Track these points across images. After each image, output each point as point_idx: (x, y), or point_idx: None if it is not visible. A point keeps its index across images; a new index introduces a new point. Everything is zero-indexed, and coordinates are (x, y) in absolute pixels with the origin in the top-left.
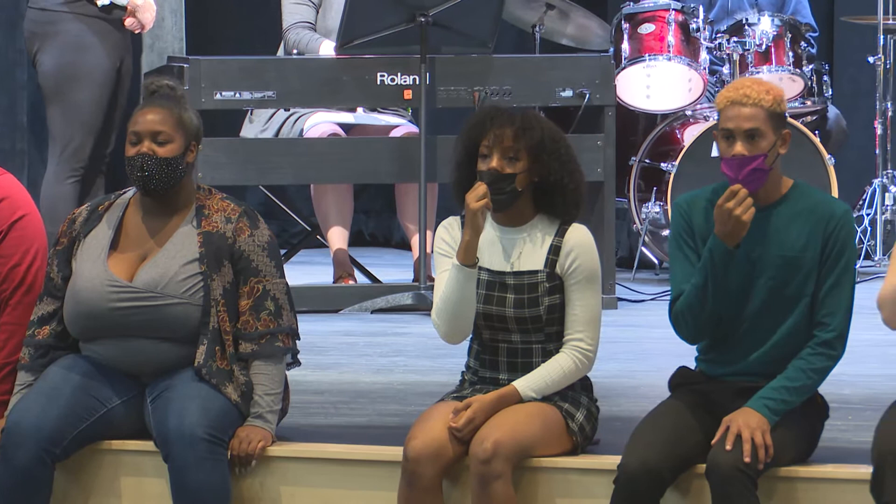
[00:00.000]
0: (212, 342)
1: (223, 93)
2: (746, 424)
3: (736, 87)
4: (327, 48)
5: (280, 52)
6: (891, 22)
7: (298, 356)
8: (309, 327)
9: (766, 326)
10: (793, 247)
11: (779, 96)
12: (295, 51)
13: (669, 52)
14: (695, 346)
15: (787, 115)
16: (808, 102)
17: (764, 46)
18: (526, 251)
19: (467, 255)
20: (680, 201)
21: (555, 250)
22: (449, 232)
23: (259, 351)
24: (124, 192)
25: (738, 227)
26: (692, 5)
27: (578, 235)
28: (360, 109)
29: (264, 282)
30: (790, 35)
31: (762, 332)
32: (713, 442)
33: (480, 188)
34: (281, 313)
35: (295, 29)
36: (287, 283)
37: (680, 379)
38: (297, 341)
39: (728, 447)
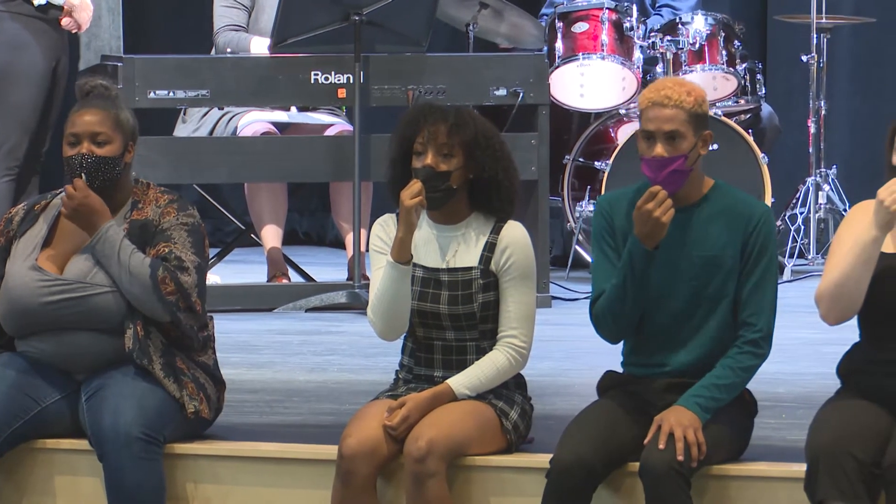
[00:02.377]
0: (136, 326)
1: (157, 91)
2: (678, 423)
3: (657, 87)
4: (258, 44)
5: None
6: (824, 20)
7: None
8: (243, 326)
9: (689, 327)
10: (713, 247)
11: (700, 97)
12: (228, 50)
13: (603, 50)
14: (621, 350)
15: (718, 114)
16: (742, 101)
17: (697, 45)
18: (461, 248)
19: (401, 252)
20: (601, 201)
21: (490, 247)
22: (385, 229)
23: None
24: (61, 192)
25: (657, 229)
26: (626, 4)
27: (514, 233)
28: (293, 108)
29: (172, 248)
30: (724, 34)
31: (685, 332)
32: (645, 441)
33: (415, 185)
34: (186, 270)
35: (224, 32)
36: (203, 266)
37: (608, 382)
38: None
39: (661, 446)
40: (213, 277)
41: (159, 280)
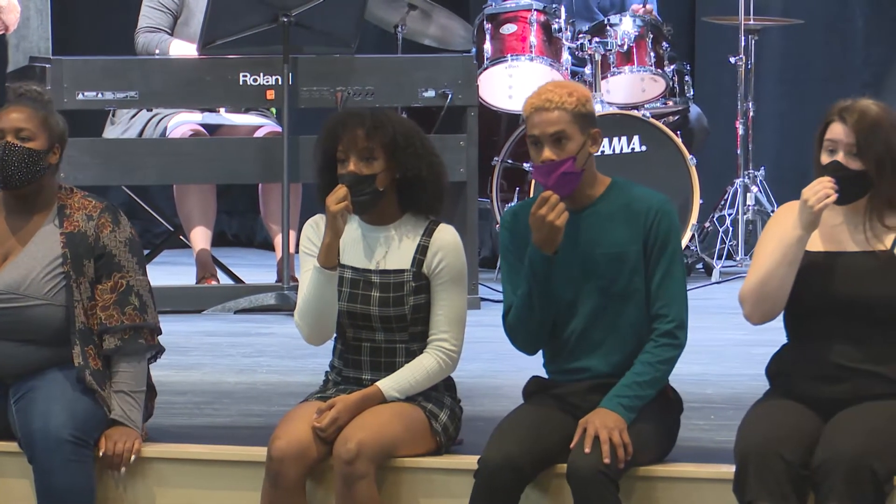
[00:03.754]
0: (83, 343)
1: (86, 93)
2: (603, 425)
3: (539, 92)
4: (178, 47)
5: None
6: (752, 22)
7: (160, 354)
8: (172, 327)
9: (603, 327)
10: (615, 244)
11: (583, 97)
12: (157, 51)
13: (531, 52)
14: (542, 360)
15: (647, 116)
16: (670, 102)
17: (626, 47)
18: (392, 250)
19: (328, 257)
20: (505, 215)
21: (422, 250)
22: (315, 231)
23: (122, 347)
24: None
25: (553, 233)
26: (554, 6)
27: (446, 236)
28: (222, 109)
29: (127, 277)
30: (652, 35)
31: (599, 332)
32: (571, 445)
33: (340, 191)
34: (146, 310)
35: (143, 33)
36: (149, 282)
37: (534, 387)
38: (159, 339)
39: (587, 450)
40: None
41: (148, 360)
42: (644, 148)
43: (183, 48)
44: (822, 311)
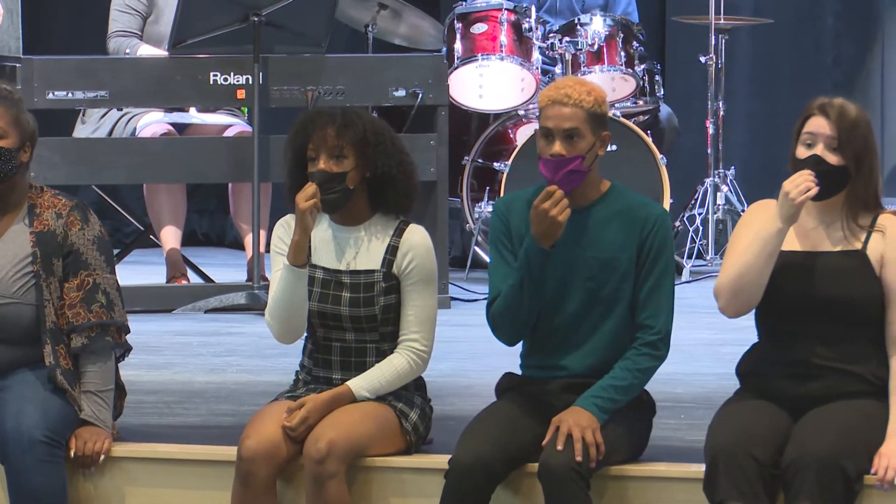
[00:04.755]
0: (54, 342)
1: (56, 92)
2: (577, 423)
3: (558, 86)
4: (145, 52)
5: None
6: (722, 22)
7: (128, 353)
8: (142, 327)
9: (586, 328)
10: (608, 248)
11: (600, 98)
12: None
13: (502, 51)
14: (519, 352)
15: (617, 115)
16: (641, 102)
17: (596, 46)
18: (363, 250)
19: (297, 255)
20: (499, 203)
21: (392, 250)
22: (287, 230)
23: (89, 346)
24: None
25: (554, 228)
26: (524, 5)
27: (416, 236)
28: (192, 109)
29: (94, 275)
30: (622, 35)
31: (581, 334)
32: (544, 443)
33: (309, 188)
34: (113, 307)
35: (114, 37)
36: (117, 280)
37: (506, 384)
38: (127, 338)
39: (559, 447)
40: None
41: (116, 358)
42: (614, 147)
43: (151, 53)
44: (797, 309)
